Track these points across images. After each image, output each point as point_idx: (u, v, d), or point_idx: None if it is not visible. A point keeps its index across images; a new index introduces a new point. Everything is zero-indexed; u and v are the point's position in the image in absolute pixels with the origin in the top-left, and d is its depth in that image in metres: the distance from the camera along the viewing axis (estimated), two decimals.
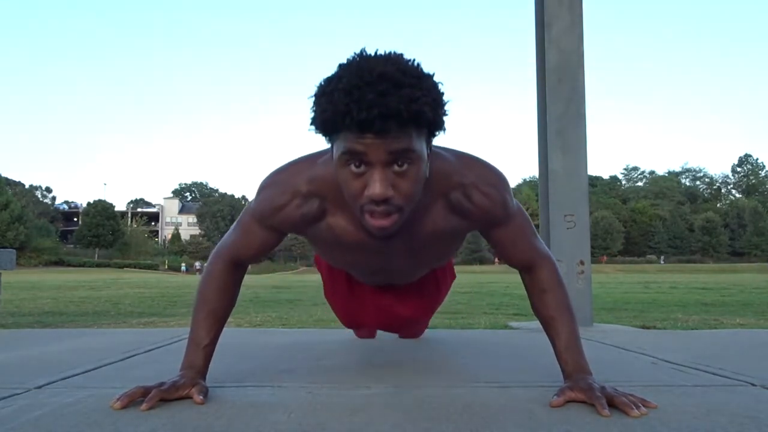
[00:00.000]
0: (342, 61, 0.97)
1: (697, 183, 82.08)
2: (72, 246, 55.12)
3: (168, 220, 71.42)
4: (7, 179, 51.89)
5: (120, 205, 66.65)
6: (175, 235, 63.51)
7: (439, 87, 0.97)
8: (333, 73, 0.96)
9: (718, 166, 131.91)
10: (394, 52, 0.97)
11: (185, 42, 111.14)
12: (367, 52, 0.97)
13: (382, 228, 1.02)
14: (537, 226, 1.40)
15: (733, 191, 79.83)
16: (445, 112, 0.99)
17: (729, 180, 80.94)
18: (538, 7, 3.13)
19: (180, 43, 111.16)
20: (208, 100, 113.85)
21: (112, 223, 53.41)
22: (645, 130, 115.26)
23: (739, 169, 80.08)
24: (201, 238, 61.90)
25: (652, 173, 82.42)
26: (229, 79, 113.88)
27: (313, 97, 0.97)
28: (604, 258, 54.48)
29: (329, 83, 0.94)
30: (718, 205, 75.09)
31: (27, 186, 64.61)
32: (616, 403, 1.01)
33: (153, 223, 69.67)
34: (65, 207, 68.54)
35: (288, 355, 1.77)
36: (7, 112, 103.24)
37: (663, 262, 56.01)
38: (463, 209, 1.16)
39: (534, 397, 1.12)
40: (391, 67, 0.92)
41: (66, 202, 69.59)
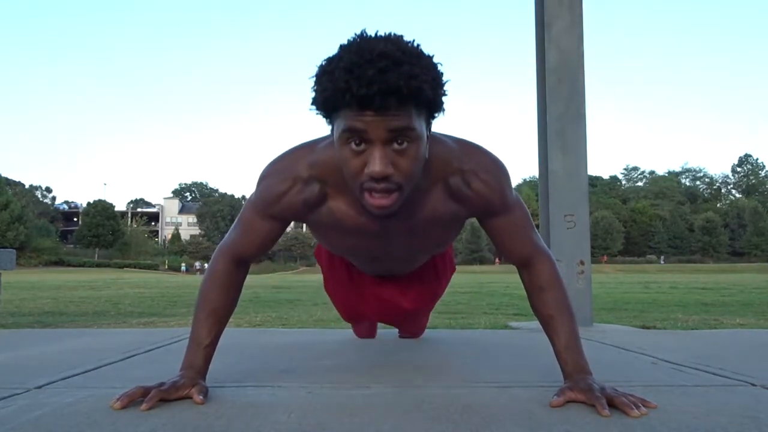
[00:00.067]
0: (343, 42, 0.98)
1: (697, 183, 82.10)
2: (72, 246, 55.13)
3: (168, 220, 71.42)
4: (7, 179, 51.90)
5: (120, 205, 66.79)
6: (175, 235, 63.50)
7: (439, 67, 0.99)
8: (334, 53, 0.97)
9: (718, 166, 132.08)
10: (394, 33, 0.98)
11: (185, 42, 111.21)
12: (368, 33, 0.98)
13: (381, 206, 1.02)
14: (537, 226, 1.40)
15: (733, 191, 79.87)
16: (445, 92, 1.00)
17: (729, 180, 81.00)
18: (538, 7, 3.13)
19: (180, 43, 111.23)
20: (208, 100, 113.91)
21: (112, 223, 53.42)
22: (645, 130, 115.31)
23: (739, 169, 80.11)
24: (201, 238, 61.90)
25: (652, 173, 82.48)
26: (229, 79, 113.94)
27: (314, 77, 0.99)
28: (604, 258, 54.49)
29: (330, 62, 0.96)
30: (718, 205, 75.11)
31: (27, 186, 64.65)
32: (616, 404, 1.01)
33: (153, 223, 69.69)
34: (65, 207, 68.56)
35: (288, 355, 1.77)
36: (8, 112, 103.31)
37: (663, 262, 56.02)
38: (462, 195, 1.17)
39: (534, 397, 1.12)
40: (391, 46, 0.93)
41: (66, 202, 69.62)
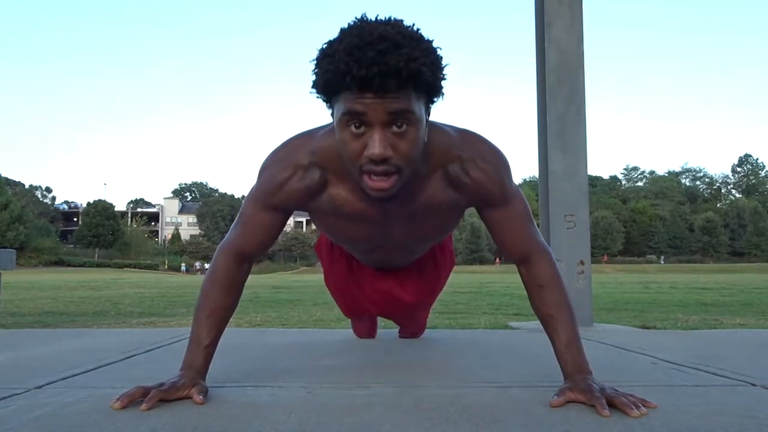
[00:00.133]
0: (343, 26, 0.99)
1: (697, 183, 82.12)
2: (72, 246, 55.14)
3: (168, 220, 71.40)
4: (7, 179, 51.90)
5: (120, 205, 66.81)
6: (175, 235, 63.48)
7: (438, 51, 0.99)
8: (334, 36, 0.98)
9: (718, 166, 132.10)
10: (394, 17, 0.99)
11: (185, 42, 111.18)
12: (368, 17, 0.99)
13: (380, 189, 1.03)
14: (537, 226, 1.39)
15: (733, 191, 79.87)
16: (444, 76, 1.01)
17: (729, 180, 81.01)
18: (538, 7, 3.13)
19: (180, 43, 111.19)
20: (209, 100, 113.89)
21: (112, 223, 53.42)
22: (645, 130, 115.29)
23: (739, 169, 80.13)
24: (201, 238, 61.88)
25: (652, 173, 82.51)
26: (229, 79, 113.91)
27: (315, 59, 0.99)
28: (605, 258, 54.49)
29: (331, 45, 0.97)
30: (718, 205, 75.12)
31: (27, 186, 64.67)
32: (615, 404, 1.01)
33: (153, 223, 69.67)
34: (65, 207, 68.57)
35: (288, 355, 1.77)
36: (8, 112, 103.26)
37: (663, 262, 56.02)
38: (460, 183, 1.18)
39: (534, 397, 1.12)
40: (391, 30, 0.94)
41: (66, 202, 69.62)
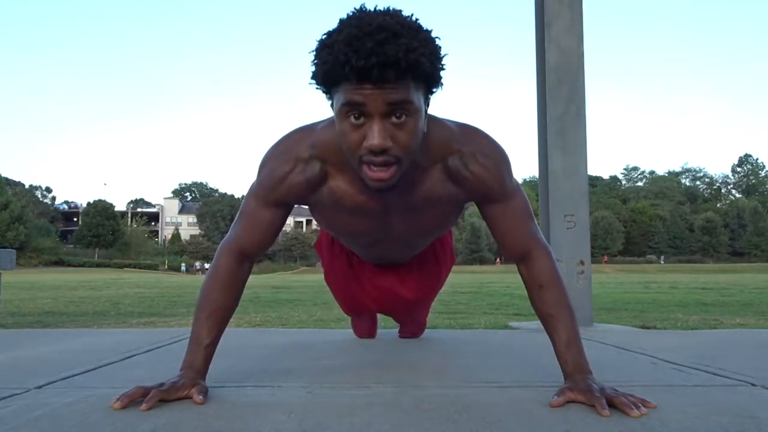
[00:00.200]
0: (342, 17, 0.99)
1: (697, 183, 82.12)
2: (72, 246, 55.13)
3: (168, 220, 71.38)
4: (7, 179, 51.91)
5: (120, 205, 66.81)
6: (175, 235, 63.47)
7: (437, 42, 1.00)
8: (334, 27, 0.98)
9: (718, 166, 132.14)
10: (393, 8, 0.99)
11: (185, 42, 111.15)
12: (367, 7, 0.99)
13: (380, 179, 1.03)
14: (537, 224, 1.39)
15: (733, 191, 79.88)
16: (443, 66, 1.01)
17: (729, 180, 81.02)
18: (538, 7, 3.13)
19: (180, 43, 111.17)
20: (209, 100, 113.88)
21: (112, 223, 53.42)
22: (645, 130, 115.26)
23: (739, 169, 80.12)
24: (201, 238, 61.87)
25: (652, 173, 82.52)
26: (229, 79, 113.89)
27: (314, 50, 1.00)
28: (605, 258, 54.49)
29: (330, 36, 0.97)
30: (718, 205, 75.12)
31: (27, 186, 64.68)
32: (615, 404, 1.01)
33: (153, 223, 69.65)
34: (65, 207, 68.56)
35: (288, 355, 1.77)
36: (8, 112, 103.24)
37: (663, 262, 56.02)
38: (460, 177, 1.18)
39: (534, 397, 1.12)
40: (390, 20, 0.95)
41: (66, 202, 69.62)
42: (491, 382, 1.30)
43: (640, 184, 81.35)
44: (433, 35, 1.00)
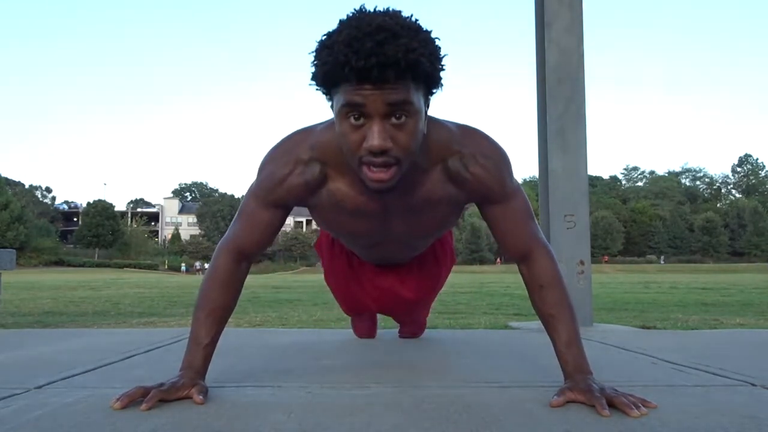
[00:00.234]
0: (342, 17, 0.99)
1: (697, 183, 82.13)
2: (72, 246, 55.14)
3: (168, 220, 71.38)
4: (7, 179, 51.93)
5: (120, 205, 66.80)
6: (175, 235, 63.48)
7: (437, 42, 1.00)
8: (333, 28, 0.98)
9: (718, 166, 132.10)
10: (392, 9, 1.00)
11: (185, 42, 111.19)
12: (366, 8, 0.99)
13: (380, 180, 1.02)
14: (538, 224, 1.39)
15: (733, 191, 79.88)
16: (442, 66, 1.01)
17: (729, 180, 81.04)
18: (538, 7, 3.13)
19: (180, 43, 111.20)
20: (209, 99, 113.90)
21: (112, 223, 53.42)
22: (645, 130, 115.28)
23: (739, 169, 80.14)
24: (201, 238, 61.86)
25: (652, 173, 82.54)
26: (229, 79, 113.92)
27: (314, 51, 1.00)
28: (605, 258, 54.50)
29: (329, 37, 0.97)
30: (718, 205, 75.13)
31: (27, 186, 64.70)
32: (615, 404, 1.01)
33: (153, 223, 69.66)
34: (65, 207, 68.57)
35: (288, 355, 1.77)
36: (8, 112, 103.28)
37: (663, 262, 56.02)
38: (460, 178, 1.17)
39: (534, 397, 1.12)
40: (389, 20, 0.95)
41: (66, 202, 69.63)
42: (491, 382, 1.30)
43: (640, 184, 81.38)
44: (433, 36, 0.99)
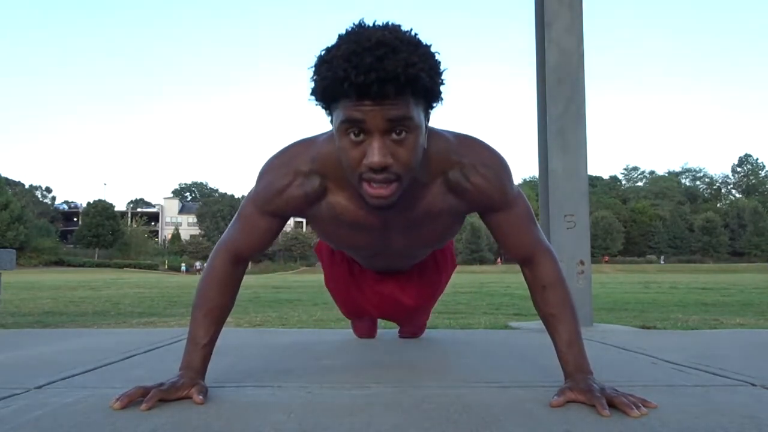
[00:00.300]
0: (341, 32, 0.98)
1: (697, 183, 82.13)
2: (72, 246, 55.13)
3: (168, 220, 71.38)
4: (7, 179, 51.92)
5: (120, 205, 66.78)
6: (175, 235, 63.47)
7: (437, 56, 0.99)
8: (332, 43, 0.97)
9: (718, 166, 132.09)
10: (392, 22, 0.99)
11: (185, 42, 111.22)
12: (366, 22, 0.99)
13: (380, 197, 1.02)
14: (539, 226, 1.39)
15: (733, 191, 79.88)
16: (443, 81, 1.00)
17: (729, 180, 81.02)
18: (538, 7, 3.13)
19: (180, 43, 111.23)
20: (209, 99, 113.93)
21: (112, 223, 53.42)
22: (645, 130, 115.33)
23: (739, 169, 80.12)
24: (201, 238, 61.83)
25: (652, 173, 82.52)
26: (229, 78, 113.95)
27: (313, 66, 0.99)
28: (605, 258, 54.50)
29: (329, 52, 0.96)
30: (718, 205, 75.13)
31: (27, 186, 64.68)
32: (616, 403, 1.01)
33: (153, 223, 69.65)
34: (65, 207, 68.57)
35: (288, 355, 1.77)
36: (8, 112, 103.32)
37: (663, 262, 56.02)
38: (461, 189, 1.17)
39: (534, 397, 1.12)
40: (389, 35, 0.94)
41: (66, 202, 69.62)
42: (491, 382, 1.30)
43: (640, 184, 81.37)
44: (433, 50, 0.98)
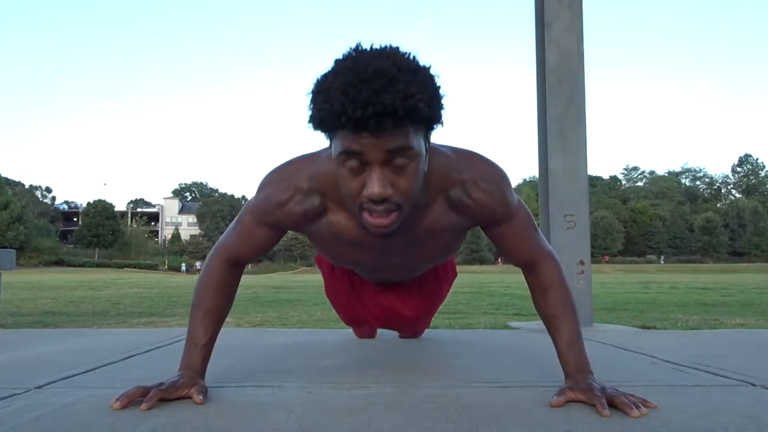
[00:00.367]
0: (338, 56, 0.97)
1: (697, 183, 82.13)
2: (72, 246, 55.14)
3: (168, 220, 71.40)
4: (7, 179, 51.92)
5: (120, 205, 66.79)
6: (175, 235, 63.50)
7: (436, 81, 0.96)
8: (329, 70, 0.95)
9: (718, 166, 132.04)
10: (390, 46, 0.96)
11: (184, 41, 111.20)
12: (363, 46, 0.96)
13: (381, 226, 1.01)
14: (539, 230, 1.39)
15: (733, 191, 79.88)
16: (442, 106, 0.98)
17: (729, 180, 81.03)
18: (538, 7, 3.13)
19: (179, 43, 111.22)
20: (209, 99, 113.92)
21: (112, 223, 53.43)
22: (645, 130, 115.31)
23: (739, 169, 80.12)
24: (201, 238, 61.85)
25: (652, 173, 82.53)
26: (229, 78, 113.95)
27: (310, 94, 0.96)
28: (605, 258, 54.51)
29: (325, 80, 0.94)
30: (718, 205, 75.14)
31: (27, 186, 64.70)
32: (616, 403, 1.01)
33: (153, 223, 69.67)
34: (65, 207, 68.57)
35: (288, 355, 1.77)
36: (8, 112, 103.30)
37: (663, 262, 56.03)
38: (463, 205, 1.16)
39: (534, 397, 1.12)
40: (386, 63, 0.91)
41: (66, 202, 69.63)
42: (491, 382, 1.30)
43: (640, 184, 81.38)
44: (433, 72, 0.96)
